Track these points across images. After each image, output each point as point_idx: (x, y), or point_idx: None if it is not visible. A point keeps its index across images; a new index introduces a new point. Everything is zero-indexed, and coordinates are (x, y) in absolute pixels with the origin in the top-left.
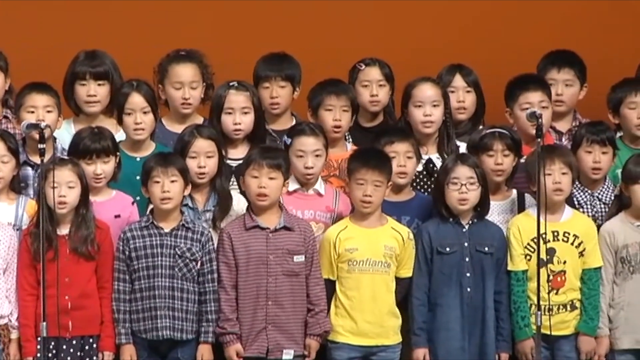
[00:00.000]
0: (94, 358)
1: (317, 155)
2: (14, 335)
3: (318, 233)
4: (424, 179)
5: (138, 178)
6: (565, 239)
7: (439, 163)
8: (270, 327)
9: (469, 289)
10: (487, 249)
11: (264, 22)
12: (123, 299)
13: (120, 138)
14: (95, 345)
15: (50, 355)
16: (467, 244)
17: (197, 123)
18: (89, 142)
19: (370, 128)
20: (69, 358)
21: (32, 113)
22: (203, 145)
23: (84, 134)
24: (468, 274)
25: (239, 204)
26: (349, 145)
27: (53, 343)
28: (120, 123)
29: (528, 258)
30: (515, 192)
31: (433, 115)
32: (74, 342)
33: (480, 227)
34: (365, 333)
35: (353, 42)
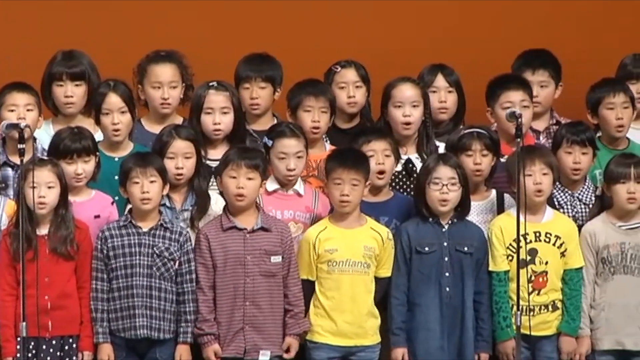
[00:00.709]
0: (74, 358)
1: (298, 157)
2: None
3: (297, 233)
4: (403, 179)
5: (116, 178)
6: (547, 240)
7: (418, 163)
8: (248, 327)
9: (448, 289)
10: (466, 249)
11: (245, 22)
12: (101, 298)
13: (99, 138)
14: (75, 345)
15: (30, 356)
16: (446, 244)
17: (176, 123)
18: (70, 142)
19: (348, 129)
20: (49, 358)
21: (12, 112)
22: (181, 146)
23: (64, 134)
24: (447, 274)
25: (217, 204)
26: (328, 146)
27: (33, 343)
28: (98, 123)
29: (510, 258)
30: (495, 192)
31: (412, 116)
32: (54, 342)
33: (460, 227)
34: (345, 333)
35: (335, 42)
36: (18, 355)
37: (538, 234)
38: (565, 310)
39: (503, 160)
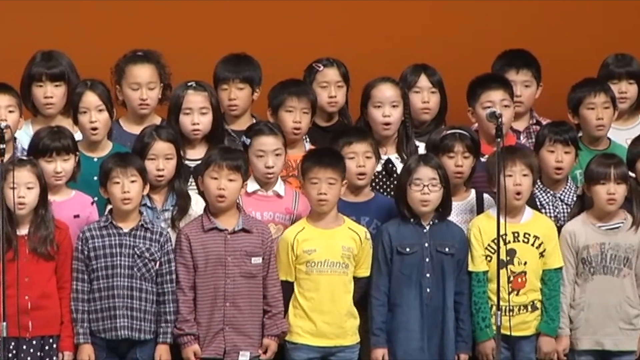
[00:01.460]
0: (54, 358)
1: (277, 155)
2: None
3: (277, 235)
4: (383, 179)
5: (96, 179)
6: (526, 240)
7: (398, 163)
8: (228, 328)
9: (429, 290)
10: (447, 250)
11: (224, 21)
12: (81, 299)
13: (78, 139)
14: (56, 346)
15: (10, 356)
16: (427, 245)
17: (155, 124)
18: (49, 140)
19: (328, 128)
20: (29, 358)
21: None
22: (162, 148)
23: (44, 133)
24: (428, 275)
25: (198, 204)
26: (308, 145)
27: (13, 343)
28: (77, 123)
29: (489, 259)
30: (474, 192)
31: (392, 116)
32: (34, 342)
33: (441, 227)
34: (324, 334)
35: (315, 41)
36: None
37: (517, 235)
38: (545, 311)
39: (483, 160)
